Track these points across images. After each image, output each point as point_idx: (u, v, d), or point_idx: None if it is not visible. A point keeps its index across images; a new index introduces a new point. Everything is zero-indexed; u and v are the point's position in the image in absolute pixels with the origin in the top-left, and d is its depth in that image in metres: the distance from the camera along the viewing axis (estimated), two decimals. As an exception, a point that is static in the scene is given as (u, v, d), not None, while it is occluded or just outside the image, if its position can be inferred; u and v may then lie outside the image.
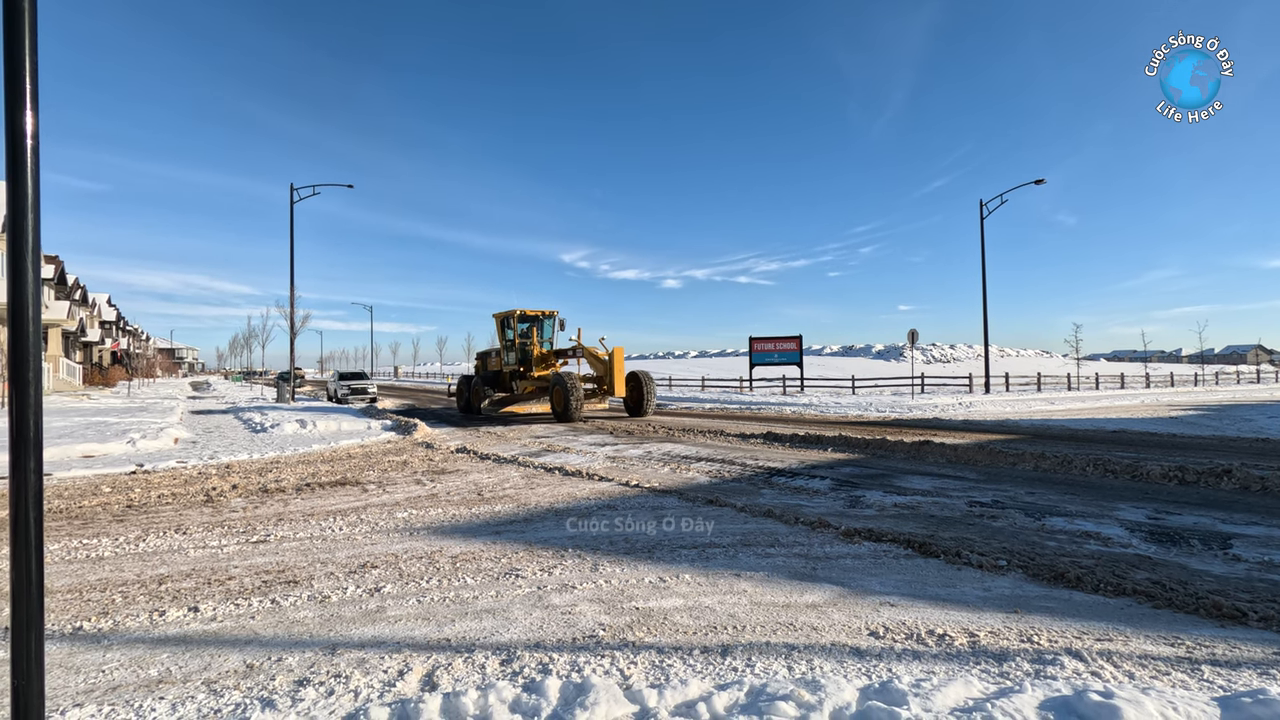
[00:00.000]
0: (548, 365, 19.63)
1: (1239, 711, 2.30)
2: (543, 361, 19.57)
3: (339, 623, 3.49)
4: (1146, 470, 7.74)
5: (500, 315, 20.37)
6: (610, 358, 17.44)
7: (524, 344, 19.78)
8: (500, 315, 20.37)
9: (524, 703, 2.55)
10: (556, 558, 4.65)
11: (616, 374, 17.29)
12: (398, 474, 8.58)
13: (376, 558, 4.71)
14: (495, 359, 20.92)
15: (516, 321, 19.79)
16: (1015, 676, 2.76)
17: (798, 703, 2.47)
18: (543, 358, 19.57)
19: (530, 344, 19.62)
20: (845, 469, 8.52)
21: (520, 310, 19.72)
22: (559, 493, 7.12)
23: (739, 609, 3.62)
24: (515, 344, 19.82)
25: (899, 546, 4.79)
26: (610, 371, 17.37)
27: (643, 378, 18.35)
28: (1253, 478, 7.08)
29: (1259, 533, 5.14)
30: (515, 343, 19.82)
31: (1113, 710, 2.25)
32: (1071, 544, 4.86)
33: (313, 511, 6.32)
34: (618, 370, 17.32)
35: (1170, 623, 3.37)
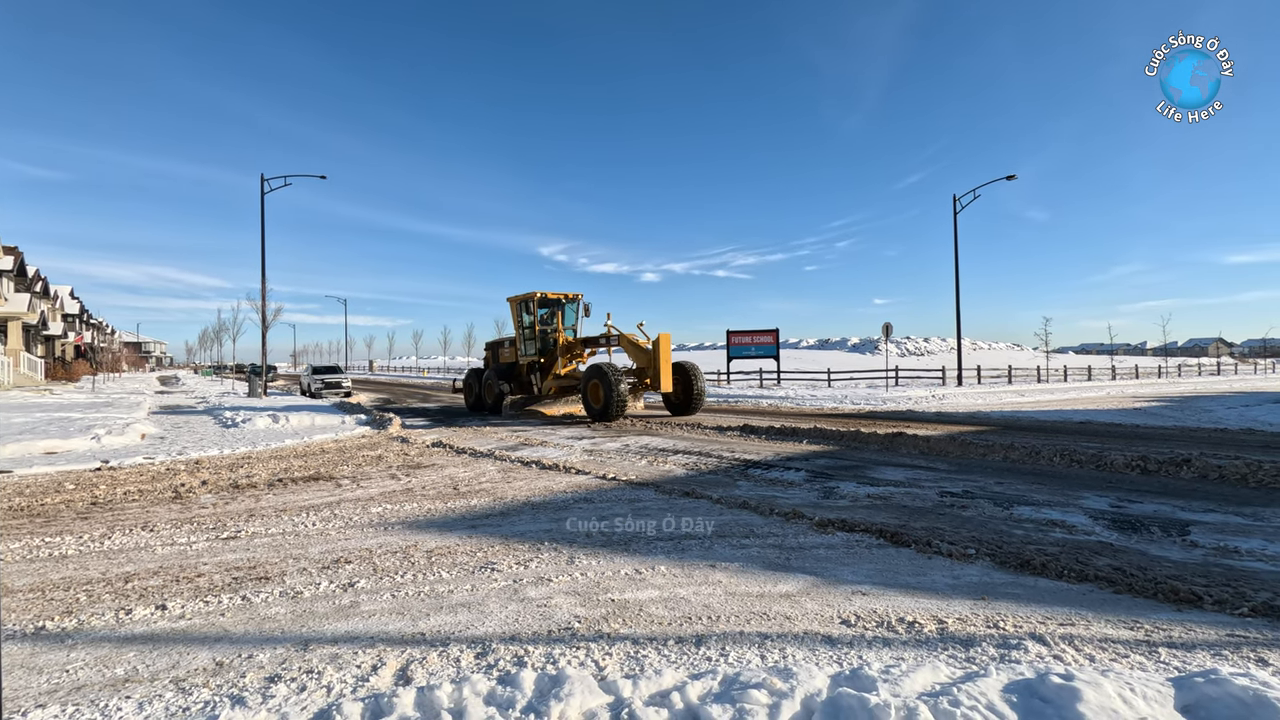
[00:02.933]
0: (574, 356, 17.34)
1: (1192, 691, 2.38)
2: (568, 351, 17.17)
3: (312, 618, 3.46)
4: (1110, 460, 7.94)
5: (517, 299, 17.79)
6: (655, 346, 14.83)
7: (545, 332, 17.40)
8: (517, 299, 17.79)
9: (499, 695, 2.55)
10: (532, 551, 4.65)
11: (663, 365, 14.65)
12: (372, 469, 8.50)
13: (350, 553, 4.67)
14: (509, 350, 18.56)
15: (536, 306, 17.29)
16: (981, 661, 2.83)
17: (770, 691, 2.51)
18: (568, 347, 17.16)
19: (554, 331, 17.30)
20: (820, 461, 8.63)
21: (541, 293, 17.17)
22: (536, 486, 7.11)
23: (714, 599, 3.66)
24: (535, 332, 17.34)
25: (871, 536, 4.87)
26: (655, 363, 14.74)
27: (691, 370, 15.55)
28: (1210, 467, 7.31)
29: (1215, 519, 5.31)
30: (535, 330, 17.34)
31: (1073, 692, 2.32)
32: (1038, 532, 4.98)
33: (285, 507, 6.24)
34: (664, 361, 14.70)
35: (1130, 607, 3.47)
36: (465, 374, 19.75)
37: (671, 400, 15.78)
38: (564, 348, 17.05)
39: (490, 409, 17.52)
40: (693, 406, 15.45)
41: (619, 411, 14.02)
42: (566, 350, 17.10)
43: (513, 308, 18.02)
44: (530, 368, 17.46)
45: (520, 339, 17.85)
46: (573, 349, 17.20)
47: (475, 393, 18.62)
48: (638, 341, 15.52)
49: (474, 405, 18.64)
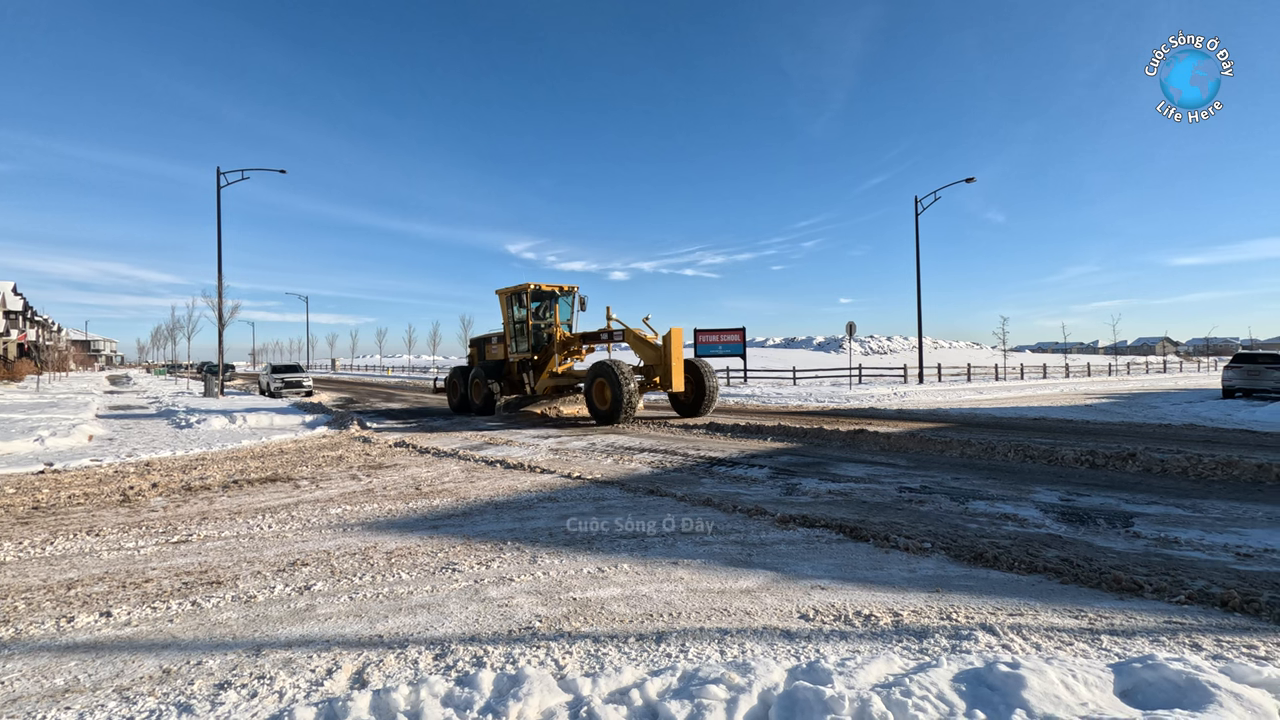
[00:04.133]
0: (571, 353, 16.16)
1: (1130, 676, 2.48)
2: (565, 348, 15.98)
3: (265, 623, 3.38)
4: (1061, 455, 8.21)
5: (507, 291, 16.61)
6: (665, 342, 13.71)
7: (539, 326, 16.19)
8: (507, 291, 16.61)
9: (456, 696, 2.53)
10: (495, 551, 4.61)
11: (674, 363, 13.52)
12: (332, 469, 8.34)
13: (307, 555, 4.58)
14: (497, 346, 17.32)
15: (530, 299, 16.05)
16: (933, 652, 2.90)
17: (728, 685, 2.53)
18: (566, 343, 15.96)
19: (550, 326, 16.18)
20: (783, 458, 8.73)
21: (534, 285, 16.00)
22: (500, 486, 7.06)
23: (675, 596, 3.68)
24: (528, 327, 16.07)
25: (832, 532, 4.95)
26: (665, 360, 13.61)
27: (702, 368, 14.43)
28: (1154, 461, 7.61)
29: (1157, 511, 5.53)
30: (528, 325, 16.07)
31: (1018, 679, 2.39)
32: (991, 526, 5.12)
33: (240, 509, 6.08)
34: (675, 358, 13.56)
35: (1076, 597, 3.59)
36: (449, 372, 18.43)
37: (680, 400, 14.75)
38: (561, 344, 15.90)
39: (479, 409, 16.46)
40: (704, 407, 14.37)
41: (629, 413, 13.00)
42: (563, 346, 15.94)
43: (502, 301, 16.83)
44: (522, 365, 16.36)
45: (510, 335, 16.63)
46: (570, 345, 15.98)
47: (460, 393, 17.52)
48: (645, 337, 14.34)
49: (459, 406, 17.57)
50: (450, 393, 18.08)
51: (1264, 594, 3.49)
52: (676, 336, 13.64)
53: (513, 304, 16.51)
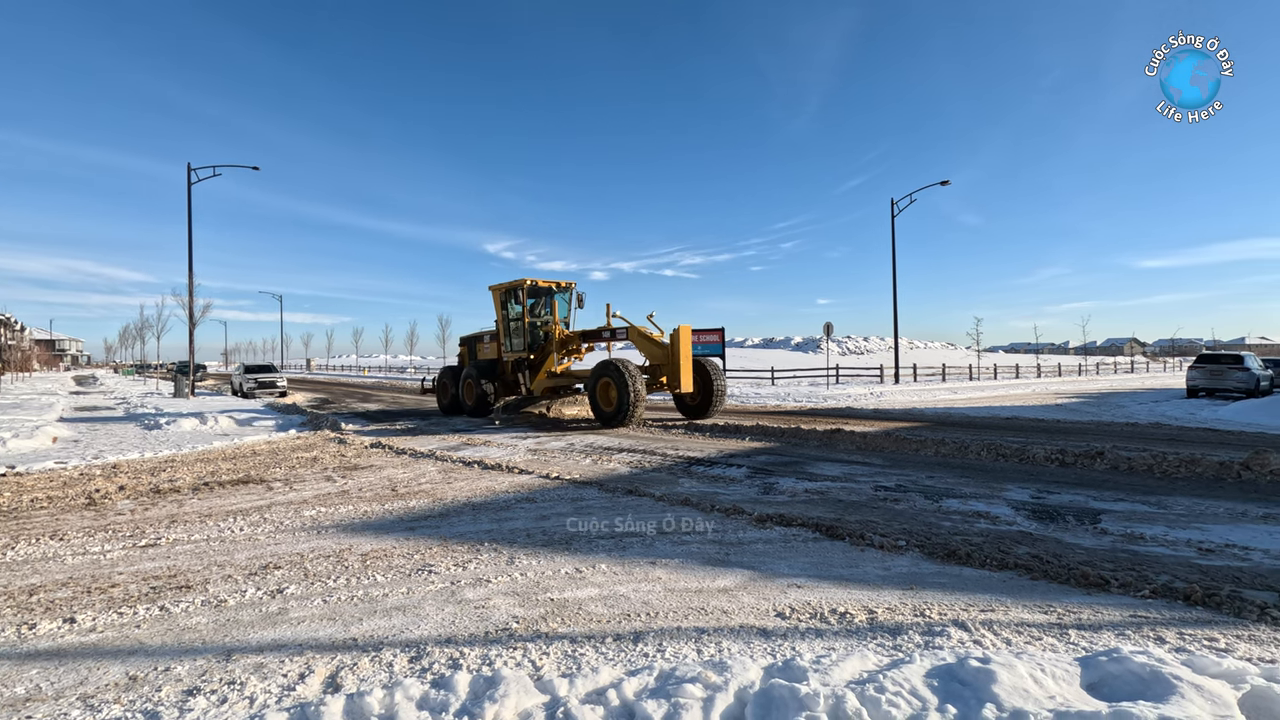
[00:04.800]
0: (569, 352, 15.49)
1: (1096, 670, 2.54)
2: (563, 346, 15.26)
3: (236, 627, 3.32)
4: (1032, 454, 8.36)
5: (501, 288, 15.90)
6: (672, 341, 13.05)
7: (536, 324, 15.46)
8: (501, 288, 15.90)
9: (432, 699, 2.51)
10: (472, 552, 4.58)
11: (683, 363, 12.91)
12: (306, 471, 8.21)
13: (280, 558, 4.50)
14: (489, 345, 16.66)
15: (525, 295, 15.32)
16: (907, 649, 2.94)
17: (704, 684, 2.54)
18: (564, 342, 15.25)
19: (547, 324, 15.44)
20: (761, 457, 8.78)
21: (530, 280, 15.25)
22: (477, 486, 7.01)
23: (653, 596, 3.68)
24: (524, 325, 15.37)
25: (808, 530, 4.99)
26: (673, 359, 12.99)
27: (709, 368, 13.81)
28: (1121, 459, 7.79)
29: (1124, 508, 5.66)
30: (524, 323, 15.37)
31: (989, 674, 2.43)
32: (964, 523, 5.20)
33: (211, 512, 5.97)
34: (684, 358, 12.94)
35: (1045, 592, 3.67)
36: (439, 373, 17.75)
37: (685, 401, 14.10)
38: (561, 342, 15.16)
39: (471, 411, 15.76)
40: (711, 408, 13.76)
41: (635, 415, 12.37)
42: (561, 345, 15.19)
43: (496, 297, 16.09)
44: (516, 365, 15.61)
45: (504, 333, 15.94)
46: (568, 344, 15.28)
47: (452, 394, 16.78)
48: (652, 335, 13.71)
49: (449, 407, 16.84)
50: (440, 394, 17.49)
51: (1225, 588, 3.59)
52: (685, 334, 12.97)
53: (507, 301, 15.81)
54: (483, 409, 15.40)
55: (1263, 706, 2.27)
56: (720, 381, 13.79)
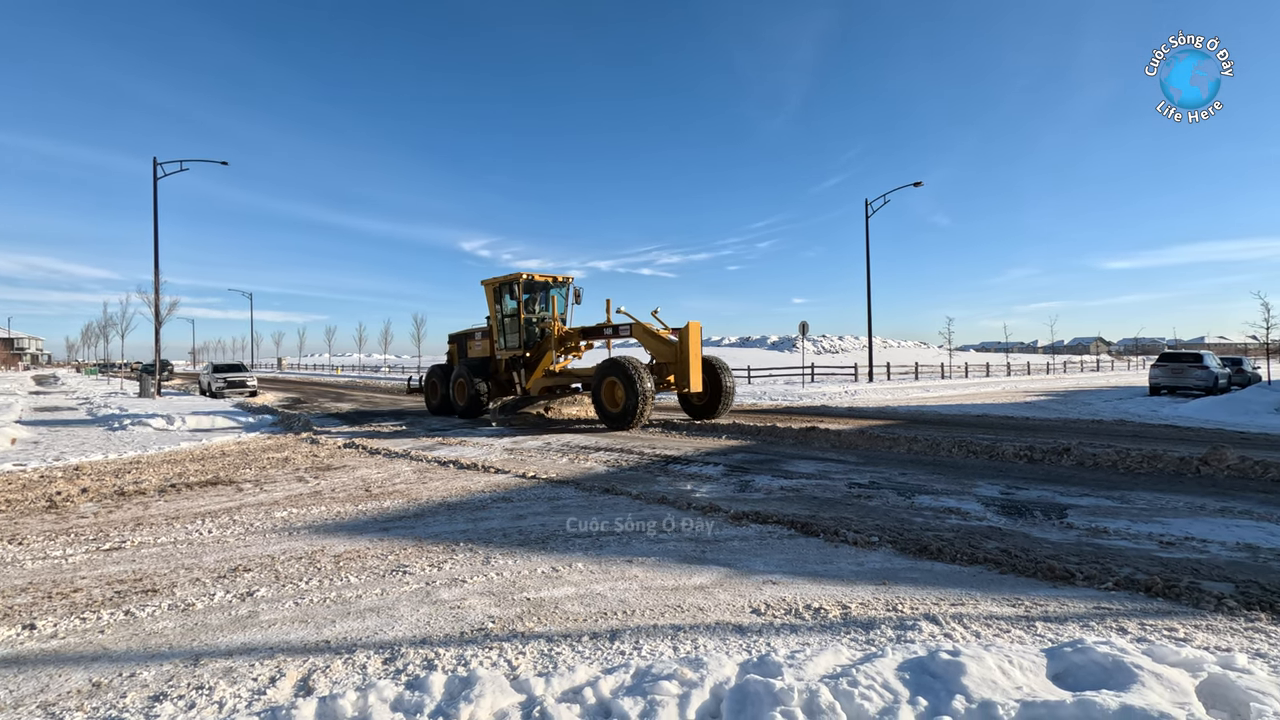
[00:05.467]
0: (568, 349, 14.73)
1: (1061, 660, 2.60)
2: (562, 344, 14.53)
3: (204, 631, 3.26)
4: (1002, 450, 8.53)
5: (495, 282, 15.21)
6: (682, 338, 12.47)
7: (532, 320, 14.81)
8: (495, 282, 15.21)
9: (406, 700, 2.48)
10: (447, 552, 4.54)
11: (693, 361, 12.30)
12: (277, 471, 8.07)
13: (250, 560, 4.43)
14: (481, 342, 15.98)
15: (521, 290, 14.69)
16: (879, 643, 2.99)
17: (681, 681, 2.56)
18: (564, 339, 14.53)
19: (546, 321, 14.74)
20: (737, 455, 8.84)
21: (527, 275, 14.63)
22: (453, 486, 6.95)
23: (629, 594, 3.69)
24: (520, 321, 14.74)
25: (783, 527, 5.04)
26: (682, 357, 12.35)
27: (718, 366, 13.28)
28: (1087, 455, 7.98)
29: (1089, 503, 5.80)
30: (519, 320, 14.73)
31: (959, 666, 2.48)
32: (936, 519, 5.29)
33: (178, 514, 5.84)
34: (694, 356, 12.33)
35: (1013, 586, 3.75)
36: (427, 372, 17.19)
37: (692, 401, 13.53)
38: (560, 339, 14.48)
39: (463, 411, 15.06)
40: (720, 408, 13.22)
41: (643, 415, 11.81)
42: (560, 343, 14.50)
43: (489, 292, 15.46)
44: (511, 363, 15.04)
45: (499, 329, 15.26)
46: (567, 341, 14.58)
47: (442, 393, 16.19)
48: (660, 332, 13.09)
49: (439, 408, 16.25)
50: (430, 394, 16.82)
51: (1184, 579, 3.70)
52: (695, 331, 12.40)
53: (501, 295, 15.14)
54: (475, 409, 14.85)
55: (1219, 694, 2.34)
56: (729, 380, 13.28)
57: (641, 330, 13.08)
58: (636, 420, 11.76)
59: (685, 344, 12.32)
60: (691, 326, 12.36)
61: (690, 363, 12.24)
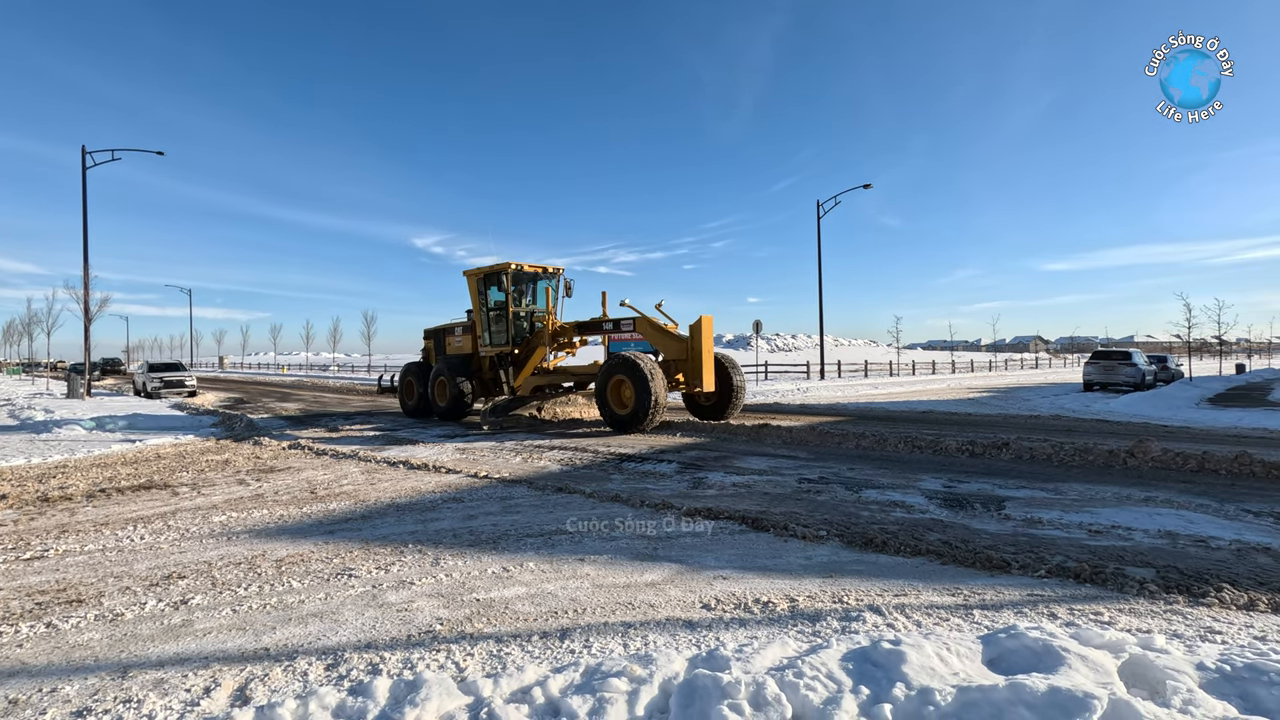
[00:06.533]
0: (561, 345, 13.80)
1: (996, 646, 2.70)
2: (555, 340, 13.56)
3: (134, 642, 3.11)
4: (945, 445, 8.81)
5: (480, 273, 14.08)
6: (693, 333, 11.65)
7: (521, 314, 13.85)
8: (480, 273, 14.08)
9: (349, 706, 2.42)
10: (395, 554, 4.45)
11: (705, 358, 11.52)
12: (217, 474, 7.77)
13: (185, 567, 4.25)
14: (462, 338, 14.84)
15: (510, 281, 13.59)
16: (825, 634, 3.05)
17: (630, 678, 2.56)
18: (557, 334, 13.53)
19: (530, 315, 13.88)
20: (691, 452, 8.91)
21: (515, 265, 13.51)
22: (402, 487, 6.81)
23: (581, 592, 3.68)
24: (508, 315, 13.65)
25: (735, 523, 5.10)
26: (694, 354, 11.56)
27: (727, 364, 12.35)
28: (1024, 448, 8.32)
29: (1026, 495, 6.05)
30: (507, 313, 13.64)
31: (899, 655, 2.55)
32: (881, 513, 5.43)
33: (107, 520, 5.57)
34: (706, 353, 11.54)
35: (954, 576, 3.87)
36: (402, 370, 15.94)
37: (700, 401, 12.64)
38: (555, 334, 13.47)
39: (444, 413, 14.00)
40: (730, 408, 12.34)
41: (656, 418, 10.99)
42: (555, 338, 13.50)
43: (472, 284, 14.25)
44: (497, 361, 14.03)
45: (483, 324, 14.12)
46: (561, 336, 13.59)
47: (419, 393, 14.88)
48: (667, 327, 12.27)
49: (416, 409, 14.96)
50: (405, 394, 15.48)
51: (1109, 565, 3.89)
52: (706, 325, 11.57)
53: (487, 287, 14.01)
54: (458, 411, 13.92)
55: (1139, 673, 2.47)
56: (739, 378, 12.44)
57: (648, 325, 12.21)
58: (648, 422, 10.93)
59: (697, 340, 11.55)
60: (704, 321, 11.61)
61: (703, 360, 11.51)
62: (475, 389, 14.06)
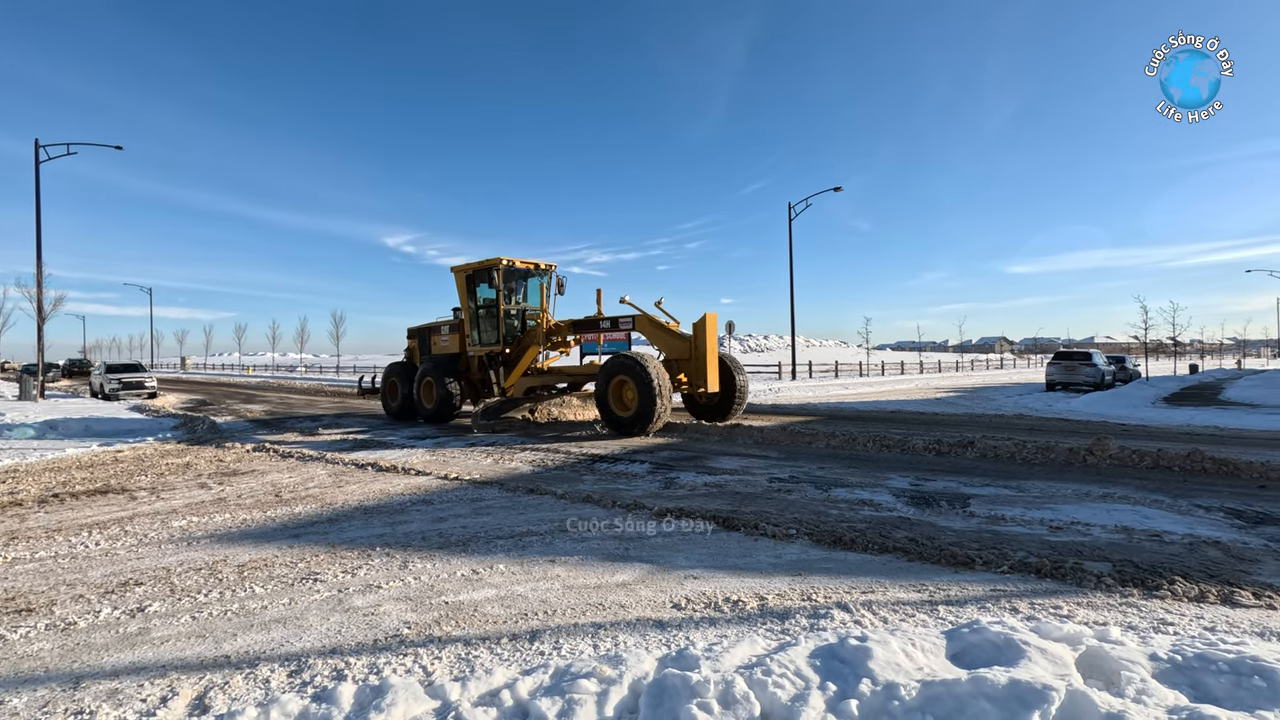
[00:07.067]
0: (555, 344, 13.41)
1: (959, 641, 2.76)
2: (550, 338, 13.15)
3: (87, 651, 3.01)
4: (913, 444, 8.96)
5: (468, 269, 13.55)
6: (697, 332, 11.24)
7: (511, 313, 13.34)
8: (468, 269, 13.55)
9: (312, 713, 2.38)
10: (363, 558, 4.38)
11: (710, 358, 11.10)
12: (177, 478, 7.56)
13: (143, 573, 4.13)
14: (448, 337, 14.34)
15: (501, 278, 13.06)
16: (794, 632, 3.08)
17: (599, 679, 2.56)
18: (551, 333, 13.12)
19: (521, 313, 13.46)
20: (663, 453, 8.92)
21: (507, 260, 12.98)
22: (370, 490, 6.71)
23: (551, 594, 3.66)
24: (498, 313, 13.10)
25: (706, 523, 5.12)
26: (698, 353, 11.16)
27: (730, 364, 11.94)
28: (989, 447, 8.50)
29: (990, 492, 6.18)
30: (498, 311, 13.09)
31: (866, 651, 2.59)
32: (850, 511, 5.50)
33: (60, 526, 5.38)
34: (710, 352, 11.14)
35: (920, 573, 3.94)
36: (385, 371, 15.37)
37: (701, 401, 12.19)
38: (549, 332, 13.04)
39: (431, 415, 13.45)
40: (733, 409, 11.96)
41: (661, 420, 10.63)
42: (549, 337, 13.08)
43: (461, 281, 13.74)
44: (487, 361, 13.57)
45: (472, 323, 13.61)
46: (555, 335, 13.17)
47: (403, 394, 14.34)
48: (670, 325, 11.84)
49: (400, 411, 14.44)
50: (388, 395, 14.92)
51: (1069, 560, 3.99)
52: (711, 324, 11.15)
53: (476, 284, 13.50)
54: (446, 413, 13.40)
55: (1095, 664, 2.54)
56: (742, 378, 12.00)
57: (649, 323, 11.83)
58: (653, 425, 10.51)
59: (701, 338, 11.11)
60: (708, 318, 11.17)
61: (708, 360, 11.08)
62: (464, 390, 13.67)
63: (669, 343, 11.71)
